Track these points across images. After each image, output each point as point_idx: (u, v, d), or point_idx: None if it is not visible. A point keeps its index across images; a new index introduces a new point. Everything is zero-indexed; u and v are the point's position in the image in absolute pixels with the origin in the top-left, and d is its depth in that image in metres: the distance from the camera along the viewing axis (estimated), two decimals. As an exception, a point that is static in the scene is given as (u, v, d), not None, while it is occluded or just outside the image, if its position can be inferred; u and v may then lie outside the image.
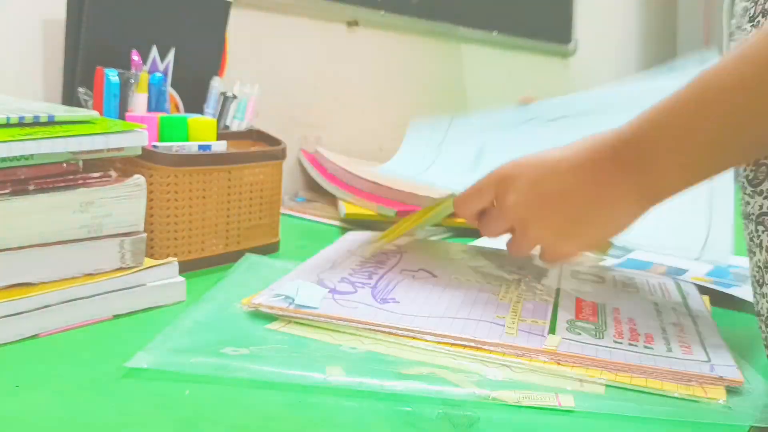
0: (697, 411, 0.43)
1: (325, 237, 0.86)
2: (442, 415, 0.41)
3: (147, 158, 0.64)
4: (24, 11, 0.79)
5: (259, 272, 0.65)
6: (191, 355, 0.46)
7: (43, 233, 0.51)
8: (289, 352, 0.48)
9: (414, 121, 0.79)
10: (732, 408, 0.44)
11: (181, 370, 0.45)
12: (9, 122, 0.50)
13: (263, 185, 0.73)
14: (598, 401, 0.44)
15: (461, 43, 1.47)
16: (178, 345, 0.48)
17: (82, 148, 0.53)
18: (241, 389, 0.43)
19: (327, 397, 0.43)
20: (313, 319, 0.52)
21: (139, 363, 0.45)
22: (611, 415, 0.43)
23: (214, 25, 0.82)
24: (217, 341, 0.49)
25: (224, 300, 0.58)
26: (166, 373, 0.45)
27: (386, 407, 0.42)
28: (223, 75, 0.83)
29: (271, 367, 0.45)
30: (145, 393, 0.43)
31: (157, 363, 0.45)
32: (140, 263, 0.57)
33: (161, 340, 0.49)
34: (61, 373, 0.45)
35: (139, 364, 0.45)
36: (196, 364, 0.45)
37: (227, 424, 0.40)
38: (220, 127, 0.79)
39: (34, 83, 0.81)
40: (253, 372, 0.45)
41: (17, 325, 0.49)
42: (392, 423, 0.41)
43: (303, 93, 1.15)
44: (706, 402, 0.44)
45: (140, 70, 0.72)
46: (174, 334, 0.50)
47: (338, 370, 0.46)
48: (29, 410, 0.40)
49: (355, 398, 0.43)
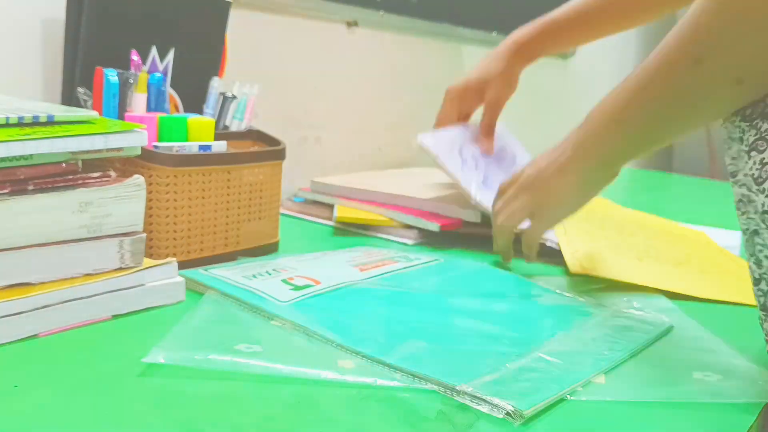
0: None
1: (324, 238, 0.86)
2: (442, 416, 0.41)
3: (146, 158, 0.64)
4: (23, 11, 0.79)
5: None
6: (207, 351, 0.47)
7: (42, 233, 0.51)
8: (301, 348, 0.50)
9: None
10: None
11: (198, 366, 0.45)
12: (8, 122, 0.50)
13: (263, 185, 0.73)
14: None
15: (461, 43, 1.47)
16: (192, 342, 0.49)
17: (82, 148, 0.53)
18: (241, 389, 0.43)
19: (327, 396, 0.43)
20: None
21: (156, 359, 0.45)
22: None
23: (214, 25, 0.82)
24: (230, 337, 0.50)
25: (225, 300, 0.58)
26: (166, 373, 0.45)
27: (385, 405, 0.42)
28: (222, 75, 0.83)
29: (284, 365, 0.46)
30: (144, 393, 0.43)
31: (173, 359, 0.46)
32: (140, 263, 0.57)
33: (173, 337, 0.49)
34: (60, 373, 0.45)
35: (156, 359, 0.45)
36: (213, 360, 0.46)
37: (227, 423, 0.40)
38: (220, 127, 0.79)
39: (33, 83, 0.81)
40: (267, 369, 0.46)
41: (17, 325, 0.49)
42: (392, 422, 0.41)
43: (303, 93, 1.15)
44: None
45: (140, 70, 0.72)
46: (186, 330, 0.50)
47: (350, 363, 0.47)
48: (29, 410, 0.40)
49: (356, 397, 0.43)
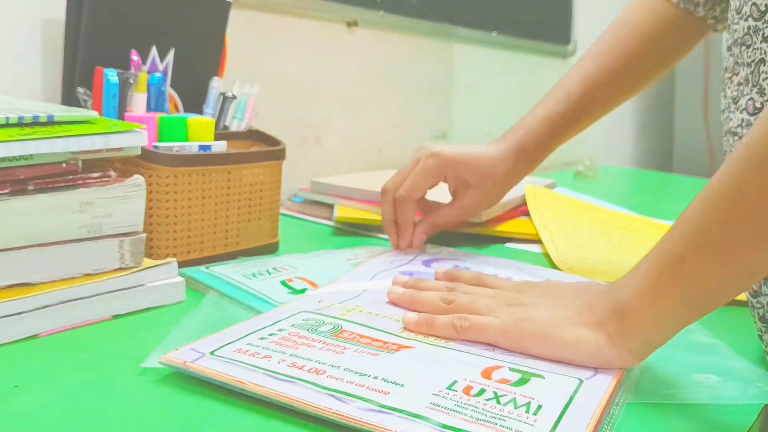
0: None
1: (323, 238, 0.86)
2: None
3: (146, 158, 0.64)
4: (23, 11, 0.79)
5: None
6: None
7: (42, 233, 0.51)
8: None
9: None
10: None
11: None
12: (8, 122, 0.50)
13: (263, 185, 0.73)
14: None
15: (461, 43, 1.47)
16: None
17: (82, 148, 0.53)
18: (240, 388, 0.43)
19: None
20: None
21: (154, 363, 0.45)
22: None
23: (214, 25, 0.82)
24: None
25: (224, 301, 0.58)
26: (166, 374, 0.45)
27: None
28: (222, 75, 0.83)
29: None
30: (144, 393, 0.43)
31: (171, 363, 0.45)
32: (140, 263, 0.57)
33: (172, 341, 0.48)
34: (60, 374, 0.45)
35: (154, 364, 0.45)
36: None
37: (227, 423, 0.40)
38: (220, 127, 0.79)
39: (33, 83, 0.81)
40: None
41: (17, 325, 0.49)
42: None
43: (303, 93, 1.15)
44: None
45: (139, 70, 0.72)
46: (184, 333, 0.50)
47: None
48: (29, 410, 0.40)
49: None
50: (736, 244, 0.41)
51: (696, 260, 0.42)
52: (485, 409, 0.40)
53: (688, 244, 0.43)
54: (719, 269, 0.42)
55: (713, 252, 0.42)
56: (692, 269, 0.43)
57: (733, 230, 0.41)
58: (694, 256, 0.42)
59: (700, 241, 0.42)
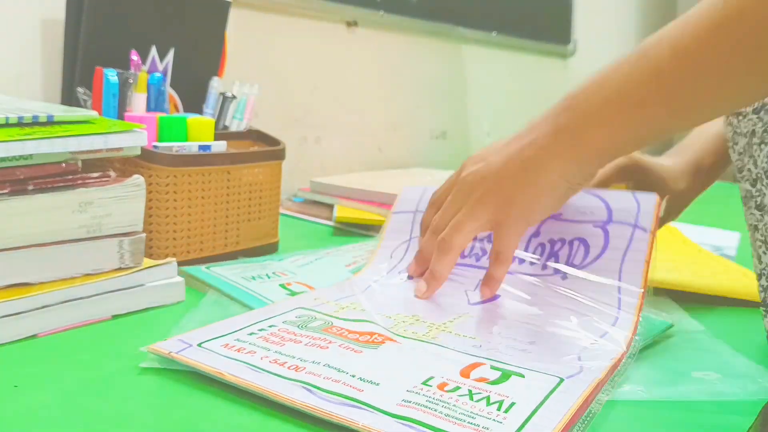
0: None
1: (323, 238, 0.86)
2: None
3: (146, 158, 0.64)
4: (23, 11, 0.79)
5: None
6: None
7: (42, 233, 0.51)
8: None
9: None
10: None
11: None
12: (8, 122, 0.50)
13: (262, 185, 0.73)
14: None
15: (461, 43, 1.47)
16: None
17: (81, 148, 0.53)
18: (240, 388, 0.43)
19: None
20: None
21: (153, 363, 0.45)
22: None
23: (214, 25, 0.82)
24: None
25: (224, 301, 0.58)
26: (166, 373, 0.45)
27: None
28: (222, 75, 0.83)
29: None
30: (144, 393, 0.43)
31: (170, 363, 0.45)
32: (139, 263, 0.57)
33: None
34: (60, 374, 0.45)
35: (153, 364, 0.45)
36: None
37: (227, 423, 0.40)
38: (219, 127, 0.79)
39: (33, 83, 0.81)
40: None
41: (16, 325, 0.49)
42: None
43: (303, 93, 1.15)
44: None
45: (139, 70, 0.72)
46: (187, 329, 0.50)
47: None
48: (28, 410, 0.40)
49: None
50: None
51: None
52: (456, 406, 0.40)
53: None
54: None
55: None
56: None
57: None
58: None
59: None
